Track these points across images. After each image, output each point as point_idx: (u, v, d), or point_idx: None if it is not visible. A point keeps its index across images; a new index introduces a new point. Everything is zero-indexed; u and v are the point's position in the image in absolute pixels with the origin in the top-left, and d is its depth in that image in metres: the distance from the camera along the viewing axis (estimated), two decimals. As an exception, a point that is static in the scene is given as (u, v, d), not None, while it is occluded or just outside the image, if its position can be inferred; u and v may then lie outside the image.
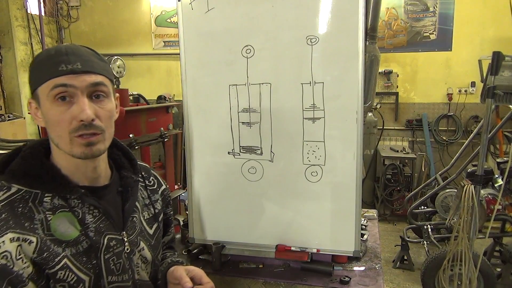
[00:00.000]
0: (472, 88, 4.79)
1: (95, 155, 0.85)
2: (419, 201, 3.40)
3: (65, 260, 0.82)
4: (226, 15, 1.61)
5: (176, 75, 5.36)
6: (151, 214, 1.05)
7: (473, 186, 2.29)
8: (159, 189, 1.12)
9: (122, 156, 1.02)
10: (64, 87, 0.80)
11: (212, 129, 1.71)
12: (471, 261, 2.33)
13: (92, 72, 0.84)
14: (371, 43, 3.65)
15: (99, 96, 0.85)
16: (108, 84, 0.87)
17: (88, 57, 0.85)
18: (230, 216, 1.75)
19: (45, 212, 0.83)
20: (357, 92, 1.53)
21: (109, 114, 0.87)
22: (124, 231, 0.94)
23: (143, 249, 0.99)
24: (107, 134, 0.87)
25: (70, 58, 0.81)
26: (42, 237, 0.81)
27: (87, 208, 0.88)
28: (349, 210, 1.62)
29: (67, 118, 0.81)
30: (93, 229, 0.87)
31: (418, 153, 4.90)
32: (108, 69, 0.89)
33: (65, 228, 0.84)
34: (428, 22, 4.80)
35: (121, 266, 0.91)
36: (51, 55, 0.82)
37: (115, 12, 5.67)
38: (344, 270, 1.68)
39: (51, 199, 0.84)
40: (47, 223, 0.82)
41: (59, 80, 0.80)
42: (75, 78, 0.81)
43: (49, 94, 0.81)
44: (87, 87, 0.82)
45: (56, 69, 0.80)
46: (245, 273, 1.69)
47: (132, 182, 0.99)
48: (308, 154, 1.63)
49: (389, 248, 3.89)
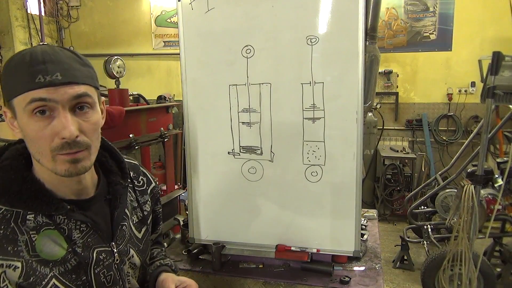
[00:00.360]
0: (472, 88, 4.79)
1: (80, 173, 0.78)
2: (419, 201, 3.40)
3: (53, 281, 0.77)
4: (226, 15, 1.61)
5: (176, 75, 5.36)
6: (140, 217, 1.00)
7: (473, 186, 2.29)
8: (148, 188, 1.06)
9: (109, 158, 0.95)
10: (43, 101, 0.72)
11: (212, 129, 1.71)
12: (471, 261, 2.33)
13: (74, 82, 0.74)
14: (371, 43, 3.65)
15: (83, 108, 0.77)
16: (92, 94, 0.79)
17: (68, 64, 0.75)
18: (230, 216, 1.75)
19: (29, 232, 0.77)
20: (357, 92, 1.53)
21: (95, 127, 0.79)
22: (113, 241, 0.89)
23: (132, 256, 0.95)
24: (93, 149, 0.80)
25: (48, 67, 0.72)
26: (27, 260, 0.75)
27: (73, 224, 0.82)
28: (349, 210, 1.62)
29: (47, 135, 0.73)
30: (81, 245, 0.82)
31: (418, 153, 4.90)
32: (92, 75, 0.80)
33: (51, 247, 0.78)
34: (428, 22, 4.80)
35: (112, 278, 0.88)
36: (26, 63, 0.72)
37: (115, 12, 5.67)
38: (344, 270, 1.68)
39: (35, 217, 0.78)
40: (31, 243, 0.76)
41: (36, 93, 0.71)
42: (55, 91, 0.72)
43: (25, 108, 0.73)
44: (69, 100, 0.74)
45: (33, 80, 0.71)
46: (245, 273, 1.69)
47: (121, 189, 0.92)
48: (308, 154, 1.63)
49: (389, 248, 3.89)
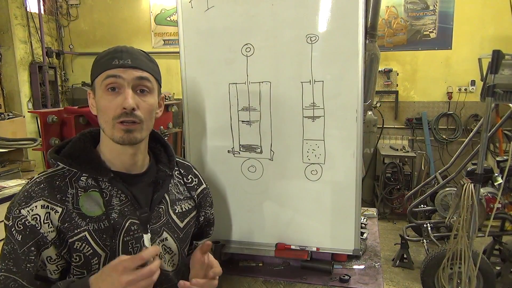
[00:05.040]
0: (472, 87, 4.79)
1: (132, 142, 0.95)
2: (419, 199, 3.40)
3: (85, 233, 0.92)
4: (226, 14, 1.60)
5: (176, 73, 5.36)
6: (184, 209, 1.12)
7: (472, 185, 2.29)
8: (199, 187, 1.20)
9: (163, 152, 1.12)
10: (114, 77, 0.92)
11: (212, 127, 1.70)
12: (471, 259, 2.33)
13: (139, 68, 0.95)
14: (371, 42, 3.66)
15: (143, 91, 0.96)
16: (152, 81, 0.98)
17: (138, 56, 0.96)
18: (230, 215, 1.75)
19: (78, 189, 0.94)
20: (357, 91, 1.53)
21: (150, 108, 0.97)
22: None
23: (166, 239, 1.05)
24: (145, 125, 0.96)
25: (123, 55, 0.94)
26: (69, 209, 0.91)
27: (115, 192, 0.97)
28: (348, 208, 1.62)
29: (113, 106, 0.92)
30: (117, 211, 0.96)
31: (418, 152, 4.90)
32: (155, 69, 1.00)
33: (91, 205, 0.94)
34: (428, 21, 4.80)
35: (138, 250, 0.98)
36: (110, 52, 0.96)
37: (114, 11, 5.66)
38: (344, 269, 1.68)
39: (86, 179, 0.95)
40: (77, 198, 0.93)
41: (111, 71, 0.92)
42: (125, 71, 0.93)
43: (102, 83, 0.94)
44: (133, 79, 0.93)
45: (111, 63, 0.93)
46: (245, 271, 1.69)
47: (165, 176, 1.07)
48: (308, 152, 1.63)
49: (389, 247, 3.90)
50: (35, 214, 0.88)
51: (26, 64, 5.24)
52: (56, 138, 1.62)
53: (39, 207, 0.89)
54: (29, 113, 4.76)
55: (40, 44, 5.40)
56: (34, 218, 0.88)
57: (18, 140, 3.15)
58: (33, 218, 0.88)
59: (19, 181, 2.83)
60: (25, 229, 0.87)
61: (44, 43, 5.41)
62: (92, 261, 0.93)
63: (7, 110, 4.77)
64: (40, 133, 3.93)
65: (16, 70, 5.07)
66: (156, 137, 1.13)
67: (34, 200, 0.89)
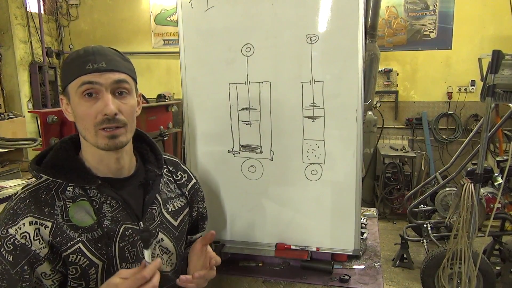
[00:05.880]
0: (472, 87, 4.79)
1: (118, 147, 0.92)
2: (419, 199, 3.40)
3: (79, 245, 0.89)
4: (226, 14, 1.60)
5: (176, 73, 5.35)
6: (177, 207, 1.10)
7: (472, 185, 2.29)
8: (189, 183, 1.18)
9: (149, 151, 1.09)
10: (90, 84, 0.88)
11: (212, 127, 1.70)
12: (471, 259, 2.33)
13: (116, 70, 0.91)
14: (371, 42, 3.66)
15: (122, 93, 0.92)
16: (130, 82, 0.94)
17: (112, 56, 0.92)
18: (230, 215, 1.75)
19: (66, 200, 0.91)
20: (357, 91, 1.53)
21: (131, 109, 0.94)
22: (142, 221, 0.98)
23: (162, 240, 1.04)
24: (129, 128, 0.94)
25: (96, 57, 0.89)
26: (59, 222, 0.88)
27: (105, 198, 0.94)
28: (348, 208, 1.62)
29: (92, 112, 0.88)
30: (110, 218, 0.93)
31: (418, 152, 4.90)
32: (131, 68, 0.97)
33: (81, 215, 0.91)
34: (428, 21, 4.80)
35: (135, 254, 0.97)
36: (80, 55, 0.90)
37: (114, 11, 5.66)
38: (344, 269, 1.68)
39: (73, 189, 0.92)
40: (66, 209, 0.90)
41: (86, 77, 0.88)
42: (100, 76, 0.88)
43: (77, 90, 0.89)
44: (111, 84, 0.89)
45: (84, 67, 0.88)
46: (245, 271, 1.69)
47: (154, 176, 1.04)
48: (308, 152, 1.63)
49: (389, 247, 3.90)
50: (24, 232, 0.84)
51: (26, 64, 5.24)
52: (56, 138, 1.62)
53: (27, 224, 0.85)
54: (29, 113, 4.77)
55: (40, 44, 5.40)
56: (24, 236, 0.84)
57: (18, 140, 3.15)
58: (22, 237, 0.84)
59: (19, 181, 2.83)
60: (15, 248, 0.84)
61: (44, 43, 5.42)
62: (89, 271, 0.91)
63: (7, 110, 4.77)
64: (40, 133, 3.93)
65: (16, 70, 5.07)
66: (141, 136, 1.09)
67: (21, 217, 0.86)
